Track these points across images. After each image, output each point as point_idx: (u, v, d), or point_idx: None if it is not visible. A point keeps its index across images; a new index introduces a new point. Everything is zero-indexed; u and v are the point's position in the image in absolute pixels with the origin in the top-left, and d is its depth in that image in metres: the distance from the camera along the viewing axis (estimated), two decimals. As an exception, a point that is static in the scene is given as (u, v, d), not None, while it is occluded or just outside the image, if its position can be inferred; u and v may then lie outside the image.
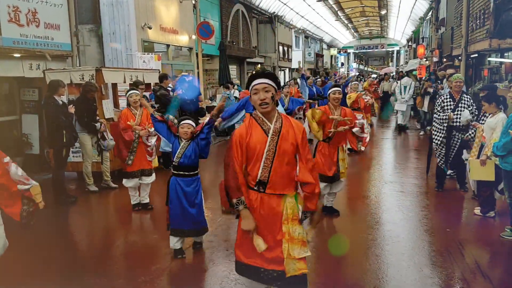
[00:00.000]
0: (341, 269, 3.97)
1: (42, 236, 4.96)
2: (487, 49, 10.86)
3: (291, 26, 27.53)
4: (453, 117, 5.86)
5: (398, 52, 48.13)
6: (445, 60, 17.62)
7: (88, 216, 5.93)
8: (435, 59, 19.94)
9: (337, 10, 31.80)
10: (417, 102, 11.80)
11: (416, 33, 30.70)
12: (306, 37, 32.70)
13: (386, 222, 5.13)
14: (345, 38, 45.83)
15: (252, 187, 2.62)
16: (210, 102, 13.54)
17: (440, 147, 6.08)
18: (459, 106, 5.88)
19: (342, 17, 34.93)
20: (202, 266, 4.07)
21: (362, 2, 30.98)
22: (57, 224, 5.53)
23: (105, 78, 7.13)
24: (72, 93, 7.33)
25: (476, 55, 13.43)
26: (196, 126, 4.22)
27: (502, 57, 12.33)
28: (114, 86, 8.01)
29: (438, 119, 6.02)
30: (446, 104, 5.97)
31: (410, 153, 9.86)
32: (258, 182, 2.59)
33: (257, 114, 2.64)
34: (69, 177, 7.22)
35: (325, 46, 41.17)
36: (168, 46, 12.66)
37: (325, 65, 38.58)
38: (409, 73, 16.74)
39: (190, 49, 13.95)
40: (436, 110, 6.13)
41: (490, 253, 4.34)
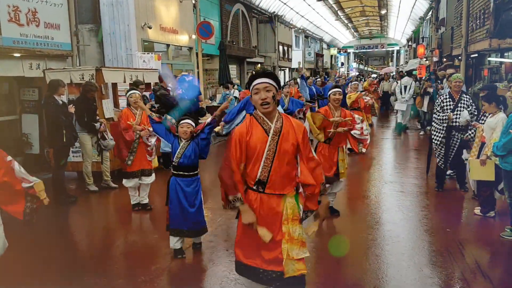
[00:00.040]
0: (341, 269, 3.97)
1: (42, 236, 4.96)
2: (487, 49, 10.87)
3: (291, 26, 27.53)
4: (452, 117, 5.86)
5: (398, 52, 48.15)
6: (445, 60, 17.63)
7: (88, 216, 5.93)
8: (435, 59, 19.95)
9: (337, 9, 31.80)
10: (416, 102, 11.80)
11: (416, 33, 30.70)
12: (306, 36, 32.69)
13: (386, 222, 5.13)
14: (345, 37, 45.83)
15: (251, 187, 2.62)
16: (210, 102, 13.54)
17: (439, 147, 6.08)
18: (459, 106, 5.88)
19: (342, 16, 34.93)
20: (202, 266, 4.07)
21: (362, 2, 30.97)
22: (57, 224, 5.53)
23: (105, 77, 7.13)
24: (72, 92, 7.33)
25: (476, 55, 13.44)
26: (196, 126, 4.22)
27: (502, 57, 12.33)
28: (114, 85, 8.02)
29: (438, 119, 6.02)
30: (445, 104, 5.97)
31: (410, 153, 9.86)
32: (258, 182, 2.58)
33: (257, 113, 2.63)
34: (69, 176, 7.22)
35: (325, 46, 41.17)
36: (168, 45, 12.66)
37: (325, 64, 38.57)
38: (410, 73, 16.75)
39: (190, 48, 13.95)
40: (435, 110, 6.13)
41: (490, 253, 4.34)
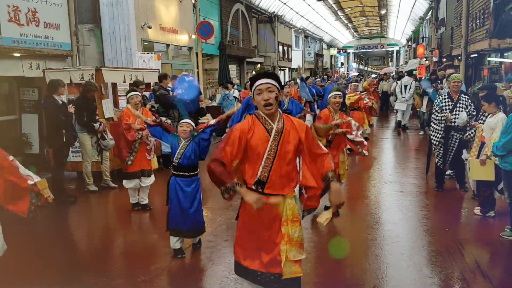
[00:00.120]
0: (341, 269, 3.97)
1: (41, 235, 4.96)
2: (487, 49, 10.88)
3: (291, 26, 27.53)
4: (450, 117, 5.85)
5: (398, 52, 48.14)
6: (444, 60, 17.63)
7: (87, 215, 5.93)
8: (435, 59, 19.96)
9: (337, 9, 31.81)
10: (415, 103, 11.81)
11: (416, 33, 30.71)
12: (306, 36, 32.70)
13: (385, 222, 5.13)
14: (345, 38, 45.82)
15: (250, 187, 2.60)
16: (210, 102, 13.54)
17: (438, 147, 6.08)
18: (457, 106, 5.87)
19: (342, 16, 34.92)
20: (202, 266, 4.07)
21: (362, 2, 30.97)
22: (56, 223, 5.52)
23: (104, 77, 7.13)
24: (72, 92, 7.32)
25: (475, 55, 13.45)
26: (196, 125, 4.22)
27: (501, 57, 12.34)
28: (114, 85, 8.01)
29: (436, 119, 6.01)
30: (444, 104, 5.96)
31: (410, 153, 9.87)
32: (257, 182, 2.57)
33: (259, 113, 2.61)
34: (68, 176, 7.22)
35: (325, 46, 41.16)
36: (168, 45, 12.65)
37: (325, 65, 38.59)
38: (410, 72, 16.76)
39: (190, 48, 13.95)
40: (434, 110, 6.13)
41: (490, 253, 4.34)
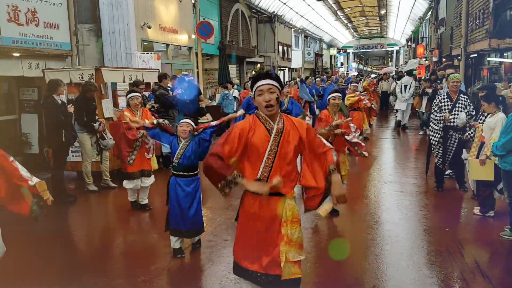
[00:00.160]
0: (340, 269, 3.97)
1: (41, 235, 4.95)
2: (487, 49, 10.88)
3: (291, 26, 27.53)
4: (449, 118, 5.85)
5: (398, 52, 48.15)
6: (444, 60, 17.64)
7: (87, 215, 5.93)
8: (435, 59, 19.98)
9: (336, 9, 31.81)
10: (415, 103, 11.82)
11: (415, 33, 30.73)
12: (306, 36, 32.70)
13: (385, 221, 5.13)
14: (344, 37, 45.83)
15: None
16: (210, 102, 13.54)
17: (437, 147, 6.08)
18: (456, 106, 5.87)
19: (341, 16, 34.93)
20: (201, 266, 4.07)
21: (361, 2, 30.98)
22: (56, 223, 5.52)
23: (104, 77, 7.12)
24: (71, 92, 7.32)
25: (475, 55, 13.45)
26: (196, 125, 4.22)
27: (501, 57, 12.35)
28: (114, 85, 8.01)
29: (435, 119, 6.01)
30: (443, 104, 5.96)
31: (410, 153, 9.86)
32: (257, 181, 2.57)
33: (260, 113, 2.61)
34: (68, 176, 7.22)
35: (324, 46, 41.16)
36: (167, 45, 12.65)
37: (324, 65, 38.58)
38: (410, 72, 16.77)
39: (190, 48, 13.95)
40: (433, 110, 6.12)
41: (490, 253, 4.34)
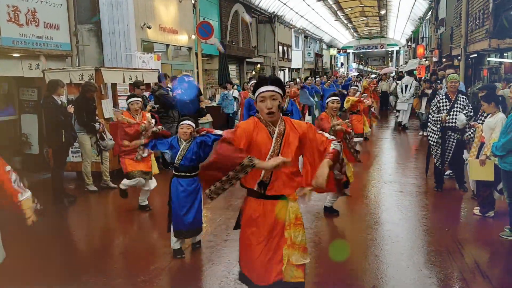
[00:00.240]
0: (340, 269, 3.97)
1: (41, 235, 4.94)
2: (487, 49, 10.88)
3: (291, 26, 27.54)
4: (445, 119, 5.83)
5: (398, 52, 48.13)
6: (444, 60, 17.65)
7: (87, 215, 5.93)
8: (435, 59, 19.98)
9: (336, 10, 31.81)
10: (414, 104, 11.82)
11: (415, 33, 30.73)
12: (306, 37, 32.70)
13: (385, 222, 5.13)
14: (344, 38, 45.81)
15: (252, 188, 2.61)
16: (210, 102, 13.54)
17: (436, 148, 6.07)
18: (455, 106, 5.86)
19: (341, 17, 34.93)
20: (201, 266, 4.07)
21: (361, 2, 30.98)
22: (56, 223, 5.52)
23: (104, 78, 7.13)
24: (71, 92, 7.32)
25: (475, 55, 13.45)
26: (196, 126, 4.22)
27: (501, 57, 12.35)
28: (114, 86, 8.01)
29: (433, 120, 6.01)
30: (441, 104, 5.95)
31: (410, 153, 9.86)
32: (260, 183, 2.58)
33: (261, 116, 2.62)
34: (68, 176, 7.22)
35: (324, 46, 41.16)
36: (167, 46, 12.65)
37: (324, 65, 38.57)
38: (410, 72, 16.78)
39: (190, 49, 13.95)
40: (431, 111, 6.11)
41: (490, 253, 4.34)
